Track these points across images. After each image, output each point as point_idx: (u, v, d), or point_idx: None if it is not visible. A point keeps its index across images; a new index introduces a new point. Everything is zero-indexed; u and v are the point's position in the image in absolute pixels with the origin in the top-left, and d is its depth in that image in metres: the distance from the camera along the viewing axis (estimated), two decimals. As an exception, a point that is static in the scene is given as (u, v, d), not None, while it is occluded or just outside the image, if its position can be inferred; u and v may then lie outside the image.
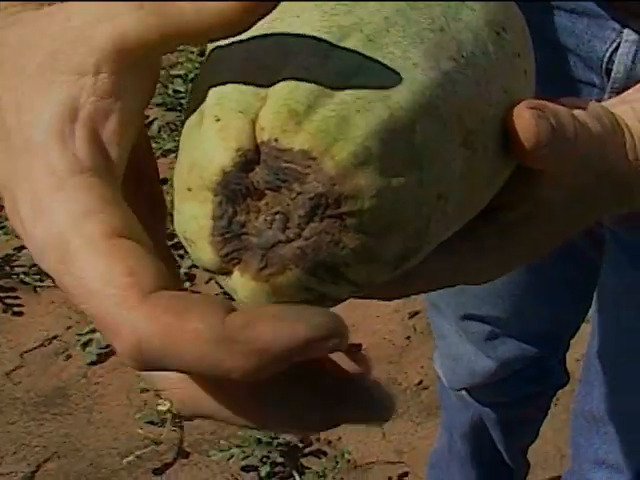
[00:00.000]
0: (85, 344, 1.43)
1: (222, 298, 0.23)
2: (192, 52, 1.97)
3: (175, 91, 1.86)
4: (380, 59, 0.26)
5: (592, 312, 0.81)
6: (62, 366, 1.42)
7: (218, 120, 0.25)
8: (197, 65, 1.90)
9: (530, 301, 0.82)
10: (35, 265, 1.53)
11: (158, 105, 1.85)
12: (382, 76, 0.25)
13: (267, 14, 0.25)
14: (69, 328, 1.47)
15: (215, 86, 0.26)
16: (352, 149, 0.24)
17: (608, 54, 0.55)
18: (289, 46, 0.26)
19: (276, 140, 0.24)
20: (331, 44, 0.26)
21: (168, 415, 1.33)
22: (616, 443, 0.77)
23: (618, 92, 0.55)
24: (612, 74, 0.56)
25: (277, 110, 0.24)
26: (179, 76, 1.89)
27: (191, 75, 1.88)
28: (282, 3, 0.25)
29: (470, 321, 0.86)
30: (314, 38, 0.26)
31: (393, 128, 0.25)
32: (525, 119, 0.28)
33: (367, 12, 0.27)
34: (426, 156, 0.26)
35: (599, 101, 0.56)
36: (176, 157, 0.27)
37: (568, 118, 0.30)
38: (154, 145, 1.74)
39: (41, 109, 0.25)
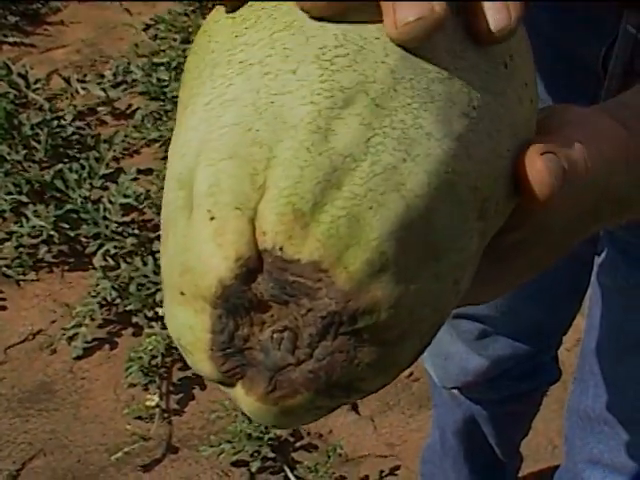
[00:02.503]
0: (70, 338, 1.41)
1: None
2: (175, 40, 1.93)
3: (159, 79, 1.82)
4: (390, 131, 0.23)
5: (586, 309, 0.80)
6: (47, 361, 1.40)
7: (212, 218, 0.22)
8: (180, 53, 1.86)
9: (521, 299, 0.81)
10: (18, 258, 1.51)
11: (141, 94, 1.81)
12: (394, 155, 0.23)
13: None
14: (54, 322, 1.45)
15: (206, 150, 0.23)
16: (367, 257, 0.22)
17: (604, 50, 0.54)
18: (285, 115, 0.23)
19: (281, 249, 0.21)
20: (333, 113, 0.23)
21: (157, 410, 1.31)
22: (611, 442, 0.76)
23: (616, 89, 0.53)
24: (609, 70, 0.54)
25: (280, 211, 0.22)
26: (162, 64, 1.86)
27: (174, 63, 1.84)
28: (275, 42, 0.23)
29: (462, 320, 0.85)
30: (314, 105, 0.23)
31: (409, 223, 0.22)
32: (539, 172, 0.27)
33: (371, 64, 0.24)
34: (443, 245, 0.23)
35: (596, 100, 0.55)
36: (160, 147, 0.24)
37: (579, 154, 0.28)
38: (137, 135, 1.71)
39: None
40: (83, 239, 1.54)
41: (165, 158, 1.60)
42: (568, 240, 0.33)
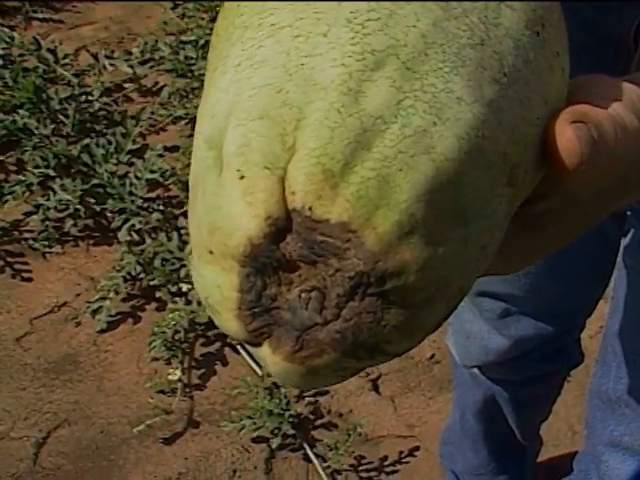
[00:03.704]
0: (95, 311, 1.42)
1: None
2: (202, 19, 1.93)
3: (186, 57, 1.83)
4: (421, 95, 0.23)
5: (611, 291, 0.79)
6: (72, 333, 1.42)
7: (242, 177, 0.22)
8: (208, 32, 1.86)
9: (546, 279, 0.80)
10: (44, 231, 1.52)
11: (168, 71, 1.82)
12: (424, 118, 0.23)
13: None
14: (78, 295, 1.46)
15: (236, 111, 0.23)
16: (396, 218, 0.22)
17: (636, 23, 0.53)
18: (316, 77, 0.23)
19: (310, 209, 0.21)
20: (364, 76, 0.23)
21: (178, 385, 1.32)
22: (632, 425, 0.76)
23: None
24: None
25: (309, 171, 0.22)
26: (189, 42, 1.86)
27: (202, 41, 1.85)
28: (307, 6, 0.23)
29: (484, 298, 0.84)
30: (345, 67, 0.23)
31: (439, 186, 0.22)
32: (568, 140, 0.26)
33: (402, 28, 0.23)
34: (472, 210, 0.23)
35: (627, 70, 0.54)
36: (186, 124, 0.25)
37: (609, 124, 0.28)
38: (164, 112, 1.72)
39: None
40: (109, 214, 1.56)
41: (191, 136, 1.61)
42: (597, 211, 0.33)
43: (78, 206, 1.54)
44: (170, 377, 1.33)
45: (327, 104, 0.22)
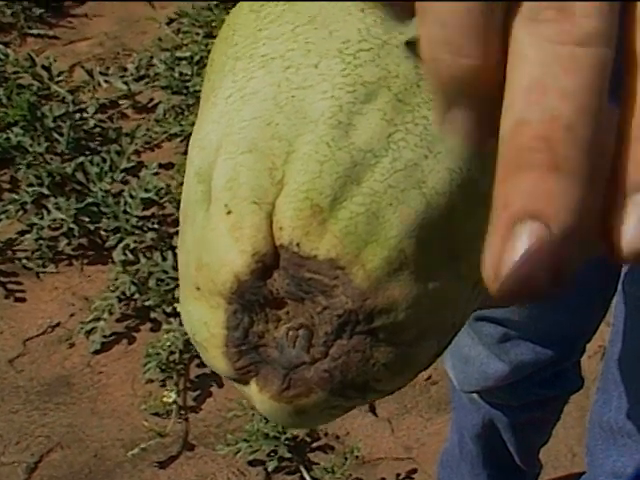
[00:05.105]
0: (89, 332, 1.41)
1: None
2: (198, 34, 1.93)
3: (181, 73, 1.82)
4: (412, 127, 0.22)
5: (611, 318, 0.78)
6: (65, 354, 1.40)
7: (230, 212, 0.22)
8: (203, 47, 1.86)
9: (547, 306, 0.79)
10: (38, 250, 1.51)
11: (163, 88, 1.81)
12: (415, 152, 0.22)
13: None
14: (72, 315, 1.45)
15: (225, 144, 0.22)
16: (385, 254, 0.21)
17: None
18: (306, 109, 0.22)
19: (298, 245, 0.21)
20: (355, 108, 0.22)
21: (173, 407, 1.31)
22: (635, 457, 0.74)
23: None
24: None
25: (297, 206, 0.21)
26: (185, 58, 1.85)
27: (197, 57, 1.84)
28: (298, 36, 0.22)
29: (483, 322, 0.83)
30: (335, 99, 0.22)
31: (430, 221, 0.22)
32: None
33: (394, 59, 0.23)
34: (464, 245, 0.22)
35: None
36: (182, 141, 0.24)
37: None
38: (159, 129, 1.71)
39: None
40: (103, 233, 1.54)
41: (186, 153, 1.60)
42: None
43: (72, 225, 1.52)
44: (165, 399, 1.32)
45: (317, 137, 0.22)
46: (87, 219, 1.54)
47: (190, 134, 1.67)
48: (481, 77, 0.17)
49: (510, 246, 0.17)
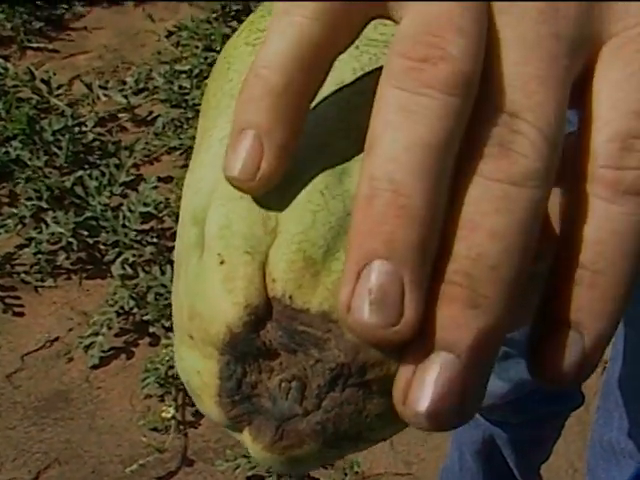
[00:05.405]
0: (87, 347, 1.40)
1: None
2: (197, 47, 1.93)
3: (180, 87, 1.82)
4: None
5: (613, 338, 0.78)
6: (64, 369, 1.40)
7: (222, 262, 0.21)
8: (202, 60, 1.86)
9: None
10: (37, 264, 1.51)
11: (163, 101, 1.81)
12: None
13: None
14: (71, 330, 1.45)
15: (218, 189, 0.22)
16: None
17: None
18: (300, 156, 0.22)
19: (290, 298, 0.21)
20: (349, 155, 0.22)
21: (172, 422, 1.30)
22: (637, 477, 0.74)
23: None
24: None
25: (290, 258, 0.21)
26: (184, 72, 1.85)
27: (196, 71, 1.84)
28: None
29: (483, 341, 0.83)
30: (329, 147, 0.22)
31: None
32: None
33: None
34: None
35: None
36: (181, 154, 0.24)
37: None
38: (158, 142, 1.71)
39: None
40: (102, 247, 1.54)
41: (185, 166, 1.60)
42: None
43: (71, 239, 1.52)
44: (164, 414, 1.31)
45: (310, 185, 0.21)
46: (86, 233, 1.54)
47: (189, 147, 1.67)
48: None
49: (422, 376, 0.18)
